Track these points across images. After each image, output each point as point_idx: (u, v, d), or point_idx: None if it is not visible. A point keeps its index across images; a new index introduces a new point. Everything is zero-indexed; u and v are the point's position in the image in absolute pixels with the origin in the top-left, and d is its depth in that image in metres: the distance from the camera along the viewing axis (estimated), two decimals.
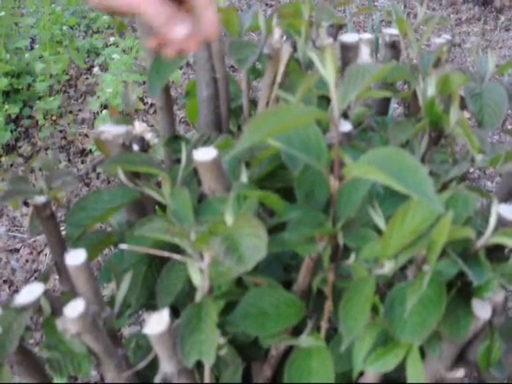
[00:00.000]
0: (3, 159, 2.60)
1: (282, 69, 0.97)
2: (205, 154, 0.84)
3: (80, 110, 2.93)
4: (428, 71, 1.06)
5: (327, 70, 0.73)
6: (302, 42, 0.99)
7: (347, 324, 0.75)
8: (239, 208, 0.82)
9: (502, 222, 0.87)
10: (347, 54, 1.08)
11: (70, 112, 2.89)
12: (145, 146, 1.06)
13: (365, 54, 1.04)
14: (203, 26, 0.71)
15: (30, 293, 0.83)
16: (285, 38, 1.04)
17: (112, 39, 3.25)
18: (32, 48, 3.21)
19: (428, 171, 0.66)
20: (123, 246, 0.84)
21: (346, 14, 3.63)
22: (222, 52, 1.05)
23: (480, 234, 0.81)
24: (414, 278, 0.76)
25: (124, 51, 3.11)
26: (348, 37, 1.07)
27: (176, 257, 0.80)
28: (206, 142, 1.00)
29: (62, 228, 0.99)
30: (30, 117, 2.81)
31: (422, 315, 0.74)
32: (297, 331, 0.88)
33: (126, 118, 1.19)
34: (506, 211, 0.87)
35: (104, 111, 2.64)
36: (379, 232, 0.78)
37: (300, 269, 0.87)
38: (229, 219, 0.76)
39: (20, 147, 2.69)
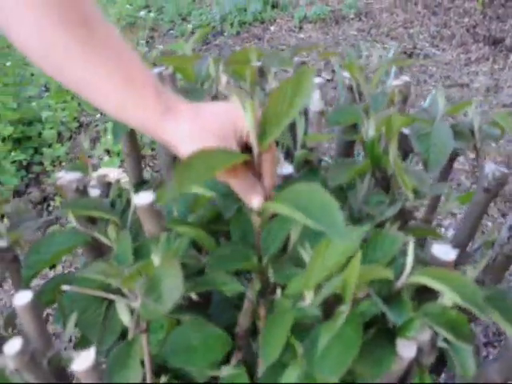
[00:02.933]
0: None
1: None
2: (143, 198, 0.88)
3: (90, 157, 2.99)
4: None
5: (247, 114, 0.76)
6: (247, 87, 1.03)
7: (265, 351, 0.77)
8: (170, 248, 0.85)
9: (435, 262, 0.88)
10: None
11: (78, 158, 2.96)
12: (107, 191, 1.11)
13: (316, 98, 1.07)
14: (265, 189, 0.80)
15: None
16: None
17: None
18: (42, 96, 3.31)
19: (339, 209, 0.68)
20: (65, 288, 0.88)
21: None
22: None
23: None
24: (332, 317, 0.78)
25: None
26: None
27: (110, 296, 0.83)
28: (158, 186, 1.04)
29: None
30: (40, 163, 2.89)
31: (339, 353, 0.76)
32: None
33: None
34: (439, 251, 0.88)
35: (106, 157, 2.71)
36: None
37: None
38: (156, 260, 0.80)
39: (30, 193, 2.76)
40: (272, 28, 4.60)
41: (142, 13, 4.73)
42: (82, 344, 0.99)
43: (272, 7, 4.84)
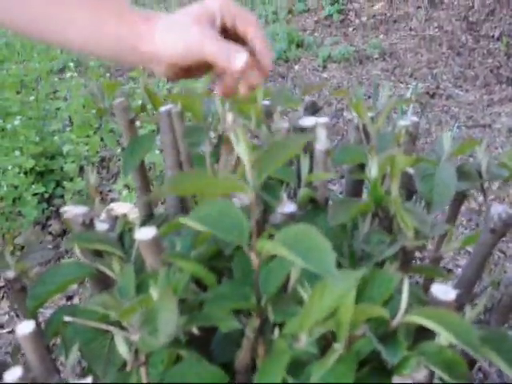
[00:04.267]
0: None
1: (235, 153, 1.03)
2: (145, 233, 0.90)
3: (110, 191, 3.03)
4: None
5: (241, 147, 0.77)
6: (253, 126, 1.05)
7: None
8: (169, 282, 0.86)
9: (434, 302, 0.88)
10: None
11: (101, 192, 3.00)
12: (114, 225, 1.13)
13: (322, 137, 1.09)
14: (259, 56, 0.82)
15: None
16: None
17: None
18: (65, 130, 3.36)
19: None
20: (67, 319, 0.89)
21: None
22: (186, 135, 1.11)
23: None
24: (325, 355, 0.79)
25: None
26: (305, 120, 1.12)
27: (109, 328, 0.84)
28: (162, 223, 1.05)
29: None
30: (61, 196, 2.93)
31: None
32: None
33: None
34: (438, 291, 0.89)
35: (125, 192, 2.74)
36: None
37: None
38: (154, 294, 0.81)
39: (50, 225, 2.80)
40: (296, 67, 4.64)
41: None
42: (88, 375, 1.01)
43: (297, 46, 4.90)
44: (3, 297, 2.42)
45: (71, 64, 4.62)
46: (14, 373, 0.83)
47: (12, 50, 5.13)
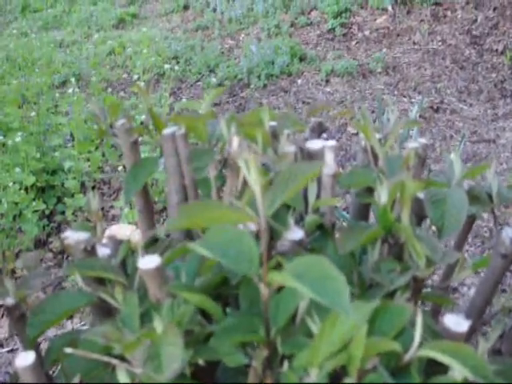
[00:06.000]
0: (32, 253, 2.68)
1: (241, 177, 1.00)
2: (148, 262, 0.87)
3: (112, 207, 3.01)
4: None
5: (252, 178, 0.75)
6: (259, 149, 1.02)
7: None
8: (173, 315, 0.83)
9: (447, 334, 0.86)
10: (312, 160, 1.10)
11: (102, 209, 2.98)
12: (116, 249, 1.10)
13: (329, 160, 1.06)
14: None
15: None
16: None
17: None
18: (67, 146, 3.35)
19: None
20: (68, 350, 0.87)
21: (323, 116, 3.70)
22: (191, 159, 1.08)
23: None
24: None
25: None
26: (312, 143, 1.10)
27: (111, 361, 0.81)
28: (166, 249, 1.03)
29: None
30: (62, 212, 2.91)
31: None
32: None
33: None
34: (450, 322, 0.86)
35: (127, 209, 2.71)
36: None
37: None
38: (158, 327, 0.78)
39: (51, 242, 2.77)
40: (299, 81, 4.63)
41: (167, 66, 4.78)
42: None
43: (299, 60, 4.88)
44: (3, 315, 2.40)
45: (72, 79, 4.61)
46: None
47: (13, 64, 5.12)
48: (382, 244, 1.00)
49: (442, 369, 0.85)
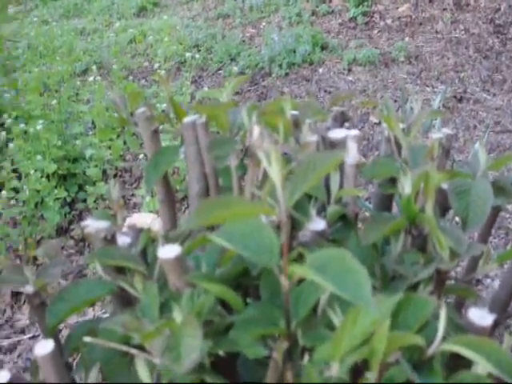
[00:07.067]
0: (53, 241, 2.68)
1: (262, 167, 0.99)
2: (168, 252, 0.86)
3: (133, 195, 3.01)
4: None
5: (273, 169, 0.74)
6: (281, 138, 1.01)
7: None
8: (193, 305, 0.83)
9: (471, 328, 0.84)
10: (334, 149, 1.09)
11: (123, 197, 2.98)
12: (137, 237, 1.09)
13: (352, 150, 1.05)
14: None
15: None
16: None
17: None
18: (88, 134, 3.35)
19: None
20: (87, 339, 0.86)
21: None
22: (211, 148, 1.07)
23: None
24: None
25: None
26: (335, 133, 1.08)
27: (130, 351, 0.81)
28: (186, 238, 1.02)
29: None
30: (84, 200, 2.91)
31: None
32: None
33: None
34: (475, 316, 0.85)
35: (148, 197, 2.70)
36: None
37: None
38: (178, 317, 0.77)
39: (72, 230, 2.78)
40: (320, 70, 4.60)
41: (188, 54, 4.77)
42: None
43: (321, 49, 4.85)
44: (24, 301, 2.41)
45: (93, 67, 4.61)
46: None
47: (34, 52, 5.13)
48: (406, 235, 0.98)
49: (466, 364, 0.84)
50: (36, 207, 2.77)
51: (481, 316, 0.85)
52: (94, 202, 2.86)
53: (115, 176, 3.10)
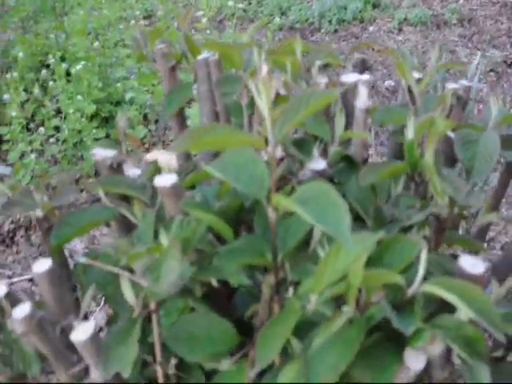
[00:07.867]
0: (92, 180, 2.73)
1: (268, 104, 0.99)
2: (165, 180, 0.87)
3: (172, 140, 3.04)
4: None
5: (262, 100, 0.74)
6: (288, 78, 1.01)
7: (261, 351, 0.75)
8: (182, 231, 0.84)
9: (462, 275, 0.83)
10: (346, 94, 1.08)
11: (163, 142, 3.01)
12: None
13: (363, 95, 1.05)
14: None
15: None
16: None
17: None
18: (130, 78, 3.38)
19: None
20: (82, 260, 0.89)
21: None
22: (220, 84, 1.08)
23: None
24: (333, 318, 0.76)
25: None
26: (348, 77, 1.08)
27: (116, 271, 0.83)
28: (191, 171, 1.03)
29: None
30: None
31: (337, 354, 0.73)
32: None
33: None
34: (466, 263, 0.83)
35: None
36: None
37: None
38: (164, 241, 0.79)
39: None
40: (371, 28, 4.53)
41: (240, 6, 4.74)
42: (114, 319, 1.01)
43: (373, 7, 4.77)
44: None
45: (137, 12, 4.61)
46: (23, 309, 0.82)
47: None
48: (409, 182, 0.98)
49: (451, 311, 0.84)
50: (75, 146, 2.82)
51: (473, 264, 0.83)
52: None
53: (157, 121, 3.12)
